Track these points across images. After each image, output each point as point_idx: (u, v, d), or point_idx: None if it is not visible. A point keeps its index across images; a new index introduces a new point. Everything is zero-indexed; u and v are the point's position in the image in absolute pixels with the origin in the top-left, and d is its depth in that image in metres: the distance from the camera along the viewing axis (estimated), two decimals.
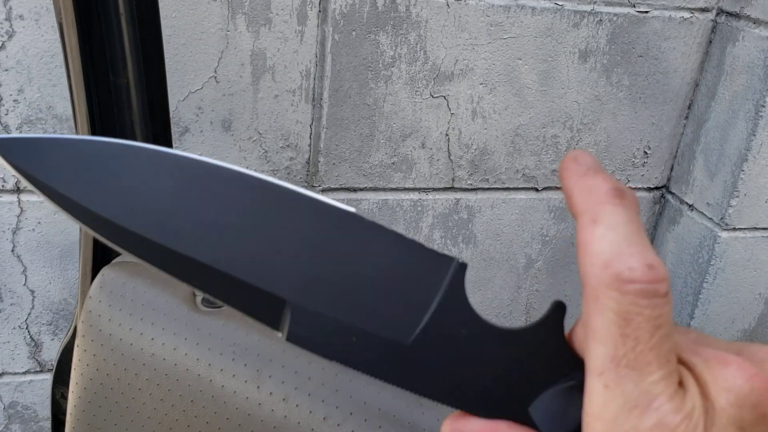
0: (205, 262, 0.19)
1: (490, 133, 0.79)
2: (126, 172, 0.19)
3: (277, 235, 0.20)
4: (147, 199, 0.19)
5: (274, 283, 0.20)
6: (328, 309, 0.20)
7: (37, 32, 0.64)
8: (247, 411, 0.42)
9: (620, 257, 0.16)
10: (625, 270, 0.16)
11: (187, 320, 0.45)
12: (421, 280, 0.20)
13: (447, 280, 0.20)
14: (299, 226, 0.20)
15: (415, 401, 0.39)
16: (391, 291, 0.20)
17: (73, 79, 0.49)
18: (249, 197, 0.20)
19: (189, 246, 0.19)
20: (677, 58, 0.82)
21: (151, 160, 0.20)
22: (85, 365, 0.49)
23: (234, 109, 0.71)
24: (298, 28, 0.69)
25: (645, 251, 0.16)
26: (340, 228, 0.20)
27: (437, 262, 0.20)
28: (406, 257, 0.20)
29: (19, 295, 0.74)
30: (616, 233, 0.17)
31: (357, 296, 0.20)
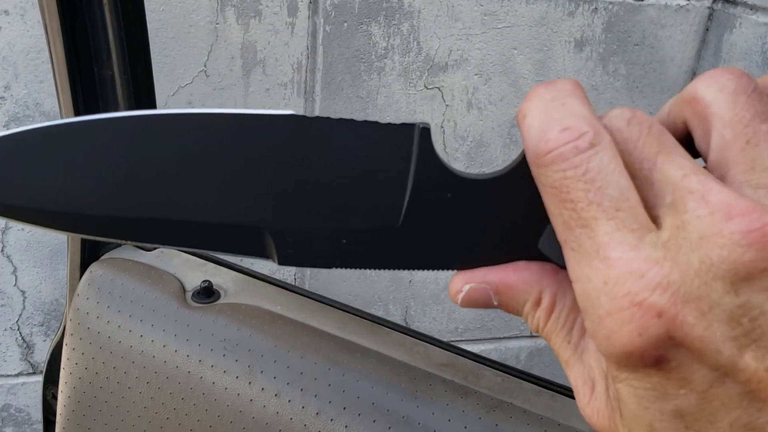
0: (153, 216, 0.18)
1: (485, 125, 0.78)
2: (57, 155, 0.18)
3: (225, 164, 0.18)
4: (86, 176, 0.18)
5: (241, 215, 0.18)
6: (306, 222, 0.19)
7: (22, 28, 0.63)
8: (239, 407, 0.41)
9: (540, 136, 0.16)
10: (541, 144, 0.16)
11: (176, 316, 0.44)
12: (388, 159, 0.18)
13: (415, 149, 0.18)
14: (243, 148, 0.18)
15: (410, 394, 0.38)
16: (362, 180, 0.18)
17: (58, 71, 0.48)
18: (181, 137, 0.18)
19: (132, 208, 0.18)
20: (674, 46, 0.81)
21: (75, 135, 0.18)
22: (74, 364, 0.48)
23: (225, 104, 0.70)
24: (289, 20, 0.68)
25: (563, 118, 0.16)
26: (286, 134, 0.18)
27: (399, 135, 0.18)
28: (365, 141, 0.18)
29: (10, 296, 0.73)
30: (539, 117, 0.17)
31: (330, 198, 0.18)
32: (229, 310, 0.44)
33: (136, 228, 0.18)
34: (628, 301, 0.15)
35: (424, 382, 0.39)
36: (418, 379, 0.39)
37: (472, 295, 0.19)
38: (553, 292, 0.19)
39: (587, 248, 0.16)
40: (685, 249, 0.15)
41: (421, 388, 0.38)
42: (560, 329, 0.19)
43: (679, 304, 0.15)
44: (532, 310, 0.19)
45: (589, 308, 0.16)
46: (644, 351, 0.15)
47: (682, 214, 0.15)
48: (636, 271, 0.15)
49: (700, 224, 0.15)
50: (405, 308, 0.85)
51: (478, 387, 0.39)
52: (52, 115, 0.67)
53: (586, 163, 0.16)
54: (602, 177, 0.16)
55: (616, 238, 0.16)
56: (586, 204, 0.16)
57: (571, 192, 0.16)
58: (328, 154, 0.18)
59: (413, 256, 0.19)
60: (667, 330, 0.15)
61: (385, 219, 0.18)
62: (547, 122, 0.17)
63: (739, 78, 0.17)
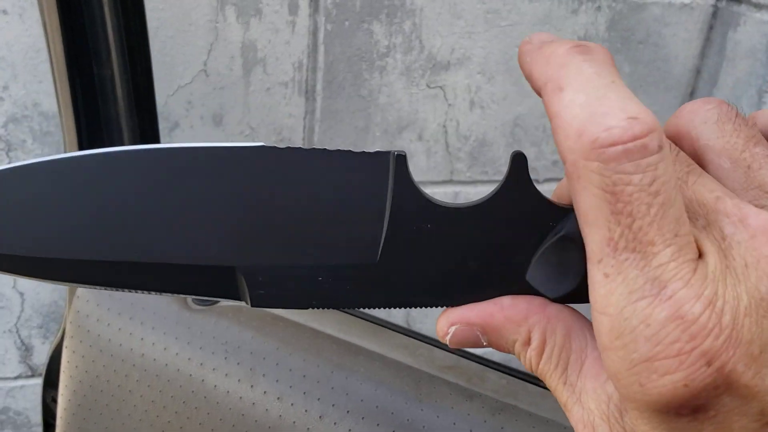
0: (116, 260, 0.17)
1: (488, 124, 0.78)
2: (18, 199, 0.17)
3: (192, 200, 0.17)
4: (45, 218, 0.17)
5: (211, 254, 0.17)
6: (279, 259, 0.17)
7: (21, 27, 0.63)
8: (241, 411, 0.41)
9: (594, 119, 0.13)
10: (602, 132, 0.13)
11: (177, 319, 0.44)
12: (364, 190, 0.17)
13: (391, 178, 0.17)
14: (211, 182, 0.17)
15: (414, 397, 0.37)
16: (337, 213, 0.17)
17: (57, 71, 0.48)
18: (145, 174, 0.17)
19: (93, 251, 0.17)
20: (678, 44, 0.80)
21: (34, 176, 0.17)
22: (74, 367, 0.47)
23: (225, 103, 0.70)
24: (290, 19, 0.68)
25: (624, 103, 0.14)
26: (256, 167, 0.17)
27: (373, 163, 0.17)
28: (338, 172, 0.17)
29: (8, 298, 0.72)
30: (586, 93, 0.14)
31: (304, 234, 0.17)
32: (230, 313, 0.43)
33: (101, 273, 0.17)
34: (676, 349, 0.13)
35: (427, 384, 0.38)
36: (421, 381, 0.38)
37: (459, 336, 0.18)
38: (542, 329, 0.17)
39: (630, 278, 0.14)
40: (731, 281, 0.13)
41: (425, 391, 0.38)
42: (554, 369, 0.17)
43: (731, 350, 0.13)
44: (523, 349, 0.18)
45: (618, 349, 0.14)
46: (686, 402, 0.13)
47: (720, 241, 0.14)
48: (689, 314, 0.13)
49: (741, 250, 0.13)
50: (407, 310, 0.85)
51: (483, 389, 0.38)
52: (50, 115, 0.67)
53: (654, 169, 0.13)
54: (667, 191, 0.13)
55: (670, 270, 0.13)
56: (647, 223, 0.13)
57: (633, 203, 0.13)
58: (300, 187, 0.17)
59: (394, 292, 0.18)
60: (714, 379, 0.13)
61: (363, 253, 0.17)
62: (602, 103, 0.14)
63: (719, 106, 0.16)
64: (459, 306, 0.18)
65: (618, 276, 0.14)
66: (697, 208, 0.15)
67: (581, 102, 0.14)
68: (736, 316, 0.13)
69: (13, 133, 0.66)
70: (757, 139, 0.16)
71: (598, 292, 0.14)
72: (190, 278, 0.18)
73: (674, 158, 0.16)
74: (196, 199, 0.17)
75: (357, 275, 0.18)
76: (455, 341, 0.18)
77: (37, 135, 0.67)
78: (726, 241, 0.14)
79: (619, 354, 0.14)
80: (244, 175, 0.17)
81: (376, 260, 0.18)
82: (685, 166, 0.15)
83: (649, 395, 0.14)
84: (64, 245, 0.17)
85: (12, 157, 0.67)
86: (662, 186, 0.13)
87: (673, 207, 0.14)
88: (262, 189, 0.17)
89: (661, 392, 0.13)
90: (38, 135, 0.67)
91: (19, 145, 0.67)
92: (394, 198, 0.17)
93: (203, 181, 0.17)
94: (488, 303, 0.18)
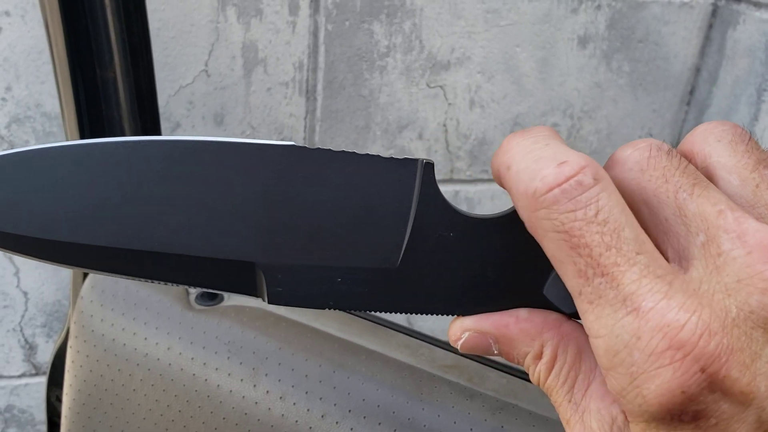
0: (138, 248, 0.17)
1: (488, 123, 0.78)
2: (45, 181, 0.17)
3: (218, 195, 0.17)
4: (70, 204, 0.17)
5: (234, 248, 0.17)
6: (301, 258, 0.18)
7: (23, 28, 0.63)
8: (243, 410, 0.41)
9: (532, 176, 0.15)
10: (538, 183, 0.15)
11: (180, 319, 0.44)
12: (390, 195, 0.17)
13: (417, 186, 0.18)
14: (239, 178, 0.17)
15: (415, 397, 0.38)
16: (361, 217, 0.17)
17: (60, 73, 0.48)
18: (174, 165, 0.17)
19: (118, 239, 0.17)
20: (677, 43, 0.80)
21: (60, 160, 0.17)
22: (78, 367, 0.48)
23: (226, 103, 0.70)
24: (290, 19, 0.68)
25: (555, 154, 0.15)
26: (287, 166, 0.17)
27: (401, 170, 0.18)
28: (366, 176, 0.17)
29: (12, 297, 0.73)
30: (525, 161, 0.15)
31: (327, 234, 0.17)
32: (232, 313, 0.43)
33: (121, 260, 0.17)
34: (669, 357, 0.14)
35: (429, 384, 0.38)
36: (423, 381, 0.39)
37: (472, 342, 0.18)
38: (555, 346, 0.18)
39: (610, 299, 0.14)
40: (720, 294, 0.14)
41: (426, 390, 0.38)
42: (561, 386, 0.18)
43: (723, 357, 0.13)
44: (533, 363, 0.18)
45: (617, 365, 0.14)
46: (685, 408, 0.14)
47: (716, 257, 0.14)
48: (673, 322, 0.14)
49: (736, 266, 0.14)
50: None
51: (484, 389, 0.39)
52: (53, 116, 0.67)
53: (595, 201, 0.14)
54: (615, 217, 0.15)
55: (644, 285, 0.14)
56: (604, 249, 0.14)
57: (585, 236, 0.14)
58: (326, 188, 0.17)
59: (411, 299, 0.18)
60: (710, 384, 0.14)
61: (384, 257, 0.18)
62: (537, 161, 0.15)
63: (734, 128, 0.17)
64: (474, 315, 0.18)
65: (599, 300, 0.15)
66: (699, 222, 0.15)
67: (522, 169, 0.16)
68: (724, 325, 0.14)
69: (16, 133, 0.67)
70: (767, 163, 0.16)
71: (589, 320, 0.15)
72: (210, 271, 0.18)
73: (683, 171, 0.16)
74: (222, 193, 0.17)
75: (376, 279, 0.18)
76: (467, 347, 0.19)
77: (39, 136, 0.67)
78: (722, 258, 0.14)
79: (619, 371, 0.15)
80: (272, 173, 0.17)
81: (396, 265, 0.18)
82: (692, 179, 0.16)
83: (651, 405, 0.14)
84: (88, 230, 0.17)
85: None
86: (608, 214, 0.14)
87: (625, 229, 0.15)
88: (289, 188, 0.17)
89: (661, 401, 0.14)
90: (41, 136, 0.67)
91: (22, 146, 0.67)
92: (418, 205, 0.18)
93: (231, 176, 0.17)
94: (504, 314, 0.18)
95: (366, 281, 0.18)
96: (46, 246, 0.17)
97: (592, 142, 0.83)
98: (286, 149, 0.17)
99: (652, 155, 0.16)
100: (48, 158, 0.17)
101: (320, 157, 0.17)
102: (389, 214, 0.18)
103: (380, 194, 0.18)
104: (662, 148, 0.17)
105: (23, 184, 0.17)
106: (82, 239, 0.17)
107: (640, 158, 0.17)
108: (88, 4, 0.46)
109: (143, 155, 0.17)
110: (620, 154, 0.17)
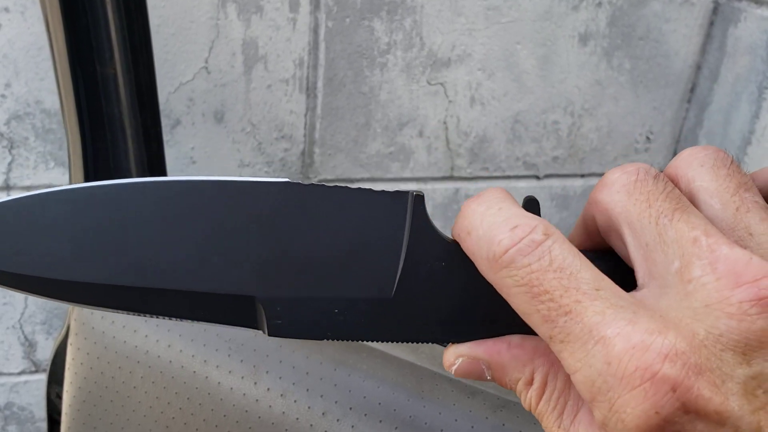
0: (139, 285, 0.18)
1: (489, 120, 0.78)
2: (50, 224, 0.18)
3: (216, 232, 0.18)
4: (73, 244, 0.18)
5: (234, 283, 0.18)
6: (300, 291, 0.18)
7: (23, 25, 0.63)
8: (244, 408, 0.41)
9: (490, 241, 0.16)
10: (495, 248, 0.16)
11: None
12: (382, 228, 0.18)
13: (408, 217, 0.18)
14: (236, 215, 0.18)
15: (416, 394, 0.38)
16: (356, 249, 0.18)
17: (60, 71, 0.48)
18: (172, 205, 0.18)
19: (118, 276, 0.18)
20: (678, 40, 0.80)
21: (62, 204, 0.18)
22: (78, 364, 0.48)
23: (226, 100, 0.70)
24: (290, 16, 0.68)
25: (508, 219, 0.16)
26: (281, 202, 0.18)
27: (392, 203, 0.18)
28: (358, 209, 0.18)
29: (12, 295, 0.73)
30: (482, 227, 0.17)
31: (323, 267, 0.18)
32: None
33: (125, 297, 0.18)
34: (638, 378, 0.14)
35: (430, 381, 0.38)
36: (423, 378, 0.39)
37: (465, 368, 0.19)
38: (545, 372, 0.18)
39: (578, 334, 0.15)
40: (687, 319, 0.14)
41: (427, 388, 0.38)
42: (551, 412, 0.18)
43: (692, 376, 0.14)
44: (525, 389, 0.19)
45: (597, 395, 0.15)
46: (663, 429, 0.14)
47: (687, 283, 0.15)
48: (639, 343, 0.14)
49: (705, 292, 0.14)
50: None
51: (484, 386, 0.39)
52: (53, 112, 0.67)
53: (548, 253, 0.16)
54: (569, 263, 0.16)
55: (608, 315, 0.15)
56: (563, 291, 0.15)
57: (544, 283, 0.15)
58: (321, 222, 0.18)
59: (407, 328, 0.19)
60: (683, 404, 0.14)
61: (379, 288, 0.18)
62: (491, 228, 0.16)
63: (716, 153, 0.18)
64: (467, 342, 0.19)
65: (568, 337, 0.15)
66: (676, 248, 0.16)
67: (480, 236, 0.17)
68: (692, 345, 0.14)
69: (16, 130, 0.67)
70: (747, 186, 0.17)
71: (564, 358, 0.16)
72: (211, 306, 0.18)
73: (666, 196, 0.17)
74: (221, 230, 0.18)
75: (372, 309, 0.18)
76: (460, 372, 0.19)
77: (39, 132, 0.67)
78: (692, 284, 0.15)
79: (599, 399, 0.15)
80: (268, 210, 0.18)
81: (391, 295, 0.18)
82: (674, 203, 0.16)
83: (631, 429, 0.15)
84: (87, 269, 0.18)
85: (14, 154, 0.67)
86: (563, 261, 0.16)
87: (581, 271, 0.16)
88: (285, 223, 0.18)
89: (638, 423, 0.14)
90: (40, 132, 0.67)
91: (22, 143, 0.67)
92: (410, 236, 0.18)
93: (228, 213, 0.18)
94: (497, 340, 0.19)
95: (362, 312, 0.18)
96: (52, 285, 0.18)
97: (592, 139, 0.83)
98: (281, 186, 0.18)
99: (639, 179, 0.17)
100: (52, 201, 0.18)
101: (314, 193, 0.18)
102: (382, 246, 0.18)
103: (373, 227, 0.18)
104: (649, 172, 0.17)
105: (28, 227, 0.18)
106: (85, 278, 0.18)
107: (627, 182, 0.17)
108: (88, 0, 0.45)
109: (144, 196, 0.18)
110: (609, 177, 0.18)
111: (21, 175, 0.68)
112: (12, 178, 0.68)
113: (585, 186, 0.84)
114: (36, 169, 0.68)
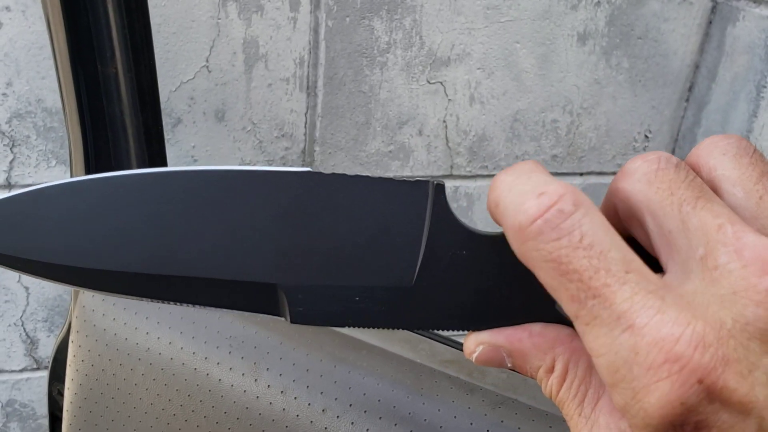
0: (164, 273, 0.18)
1: (488, 119, 0.78)
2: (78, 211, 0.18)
3: (239, 221, 0.18)
4: (98, 232, 0.18)
5: (255, 272, 0.18)
6: (321, 278, 0.18)
7: (24, 23, 0.63)
8: (245, 404, 0.41)
9: (516, 210, 0.16)
10: (522, 216, 0.16)
11: (182, 313, 0.45)
12: (403, 216, 0.18)
13: (429, 206, 0.18)
14: (258, 205, 0.18)
15: (416, 391, 0.38)
16: (376, 237, 0.18)
17: (61, 69, 0.48)
18: (195, 194, 0.18)
19: (144, 265, 0.18)
20: (677, 39, 0.80)
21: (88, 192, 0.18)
22: (80, 361, 0.48)
23: (227, 99, 0.70)
24: (291, 15, 0.68)
25: (535, 186, 0.16)
26: (303, 191, 0.18)
27: (413, 191, 0.18)
28: (379, 198, 0.18)
29: (14, 292, 0.73)
30: (510, 196, 0.16)
31: (345, 255, 0.18)
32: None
33: (150, 285, 0.19)
34: (666, 370, 0.14)
35: (429, 379, 0.39)
36: (423, 376, 0.39)
37: (486, 355, 0.19)
38: (566, 360, 0.18)
39: (605, 319, 0.15)
40: (714, 306, 0.14)
41: (426, 385, 0.38)
42: (572, 400, 0.18)
43: (720, 367, 0.14)
44: (545, 376, 0.19)
45: (619, 382, 0.15)
46: (686, 419, 0.14)
47: (712, 270, 0.15)
48: (669, 335, 0.14)
49: (732, 279, 0.14)
50: None
51: (483, 383, 0.39)
52: (54, 111, 0.67)
53: (578, 227, 0.15)
54: (600, 240, 0.15)
55: (636, 303, 0.15)
56: (593, 272, 0.15)
57: (573, 261, 0.15)
58: (342, 211, 0.18)
59: (427, 316, 0.19)
60: (708, 395, 0.14)
61: (399, 276, 0.18)
62: (519, 195, 0.16)
63: (738, 141, 0.17)
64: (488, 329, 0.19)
65: (595, 320, 0.15)
66: (700, 235, 0.16)
67: (508, 203, 0.16)
68: (719, 336, 0.14)
69: (17, 128, 0.67)
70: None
71: (589, 340, 0.16)
72: (235, 293, 0.19)
73: (688, 184, 0.16)
74: (244, 219, 0.18)
75: (392, 297, 0.19)
76: (481, 360, 0.19)
77: (40, 131, 0.67)
78: (718, 271, 0.15)
79: (622, 386, 0.15)
80: (290, 198, 0.18)
81: (411, 284, 0.18)
82: (697, 192, 0.16)
83: (653, 418, 0.15)
84: (114, 258, 0.18)
85: (16, 152, 0.68)
86: (593, 238, 0.15)
87: (612, 251, 0.15)
88: (307, 212, 0.18)
89: (662, 413, 0.14)
90: (42, 131, 0.67)
91: (23, 141, 0.67)
92: (431, 224, 0.18)
93: (252, 202, 0.18)
94: (518, 328, 0.19)
95: (383, 300, 0.19)
96: (80, 274, 0.19)
97: (591, 138, 0.83)
98: (303, 175, 0.18)
99: (660, 167, 0.17)
100: (78, 191, 0.19)
101: (335, 182, 0.18)
102: (403, 234, 0.18)
103: (394, 216, 0.18)
104: (671, 161, 0.17)
105: (54, 215, 0.18)
106: (112, 266, 0.18)
107: (648, 170, 0.17)
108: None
109: (169, 186, 0.18)
110: (630, 165, 0.18)
111: (22, 174, 0.68)
112: (13, 177, 0.68)
113: (584, 184, 0.84)
114: (37, 167, 0.69)
